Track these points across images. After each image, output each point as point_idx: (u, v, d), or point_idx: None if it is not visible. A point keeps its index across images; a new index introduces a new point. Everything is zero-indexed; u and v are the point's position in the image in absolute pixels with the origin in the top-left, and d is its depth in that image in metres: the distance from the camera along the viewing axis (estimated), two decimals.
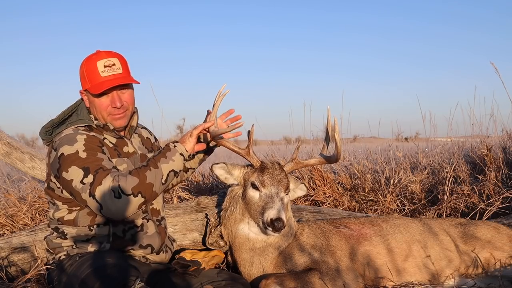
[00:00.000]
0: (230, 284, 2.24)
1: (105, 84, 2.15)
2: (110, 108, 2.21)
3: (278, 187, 2.25)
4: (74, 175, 2.02)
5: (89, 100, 2.24)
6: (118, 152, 2.23)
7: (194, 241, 2.74)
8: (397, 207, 3.80)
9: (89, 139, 2.11)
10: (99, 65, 2.17)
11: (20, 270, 2.60)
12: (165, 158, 2.14)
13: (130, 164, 2.23)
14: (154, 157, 2.16)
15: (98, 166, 2.03)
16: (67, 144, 2.07)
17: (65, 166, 2.04)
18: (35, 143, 10.73)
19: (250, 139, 2.32)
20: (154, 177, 2.08)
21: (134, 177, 2.03)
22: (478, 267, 2.44)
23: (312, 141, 5.50)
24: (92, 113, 2.27)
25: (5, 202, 3.74)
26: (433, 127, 5.21)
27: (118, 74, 2.20)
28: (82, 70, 2.21)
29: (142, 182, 2.04)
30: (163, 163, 2.13)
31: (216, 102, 2.35)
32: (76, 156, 2.04)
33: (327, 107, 2.37)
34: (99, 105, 2.21)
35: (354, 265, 2.35)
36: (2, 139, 3.09)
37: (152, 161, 2.13)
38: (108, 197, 1.97)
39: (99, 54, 2.20)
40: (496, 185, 3.69)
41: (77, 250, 2.12)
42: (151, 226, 2.24)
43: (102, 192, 1.98)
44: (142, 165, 2.13)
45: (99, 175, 2.00)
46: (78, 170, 2.01)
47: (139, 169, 2.09)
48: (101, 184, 1.98)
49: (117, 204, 1.99)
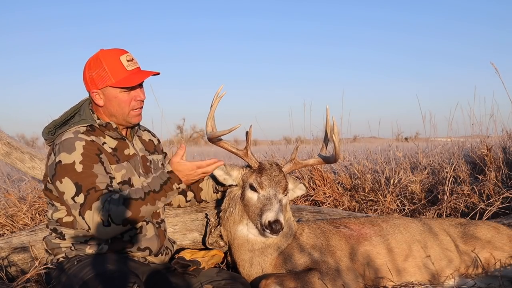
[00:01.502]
0: (230, 283, 2.23)
1: (135, 77, 2.15)
2: (134, 102, 2.21)
3: (276, 189, 2.25)
4: (66, 189, 2.02)
5: (106, 97, 2.18)
6: (117, 157, 2.20)
7: (194, 241, 2.74)
8: (397, 207, 3.80)
9: (87, 146, 2.08)
10: (122, 60, 2.16)
11: (20, 270, 2.60)
12: (165, 198, 2.13)
13: (129, 169, 2.21)
14: (155, 193, 2.09)
15: (91, 185, 2.01)
16: (65, 151, 2.06)
17: (59, 176, 2.04)
18: (35, 143, 10.75)
19: (248, 140, 2.32)
20: (148, 211, 2.09)
21: (127, 210, 2.02)
22: (478, 267, 2.44)
23: (312, 141, 5.50)
24: (106, 113, 2.23)
25: (5, 202, 3.74)
26: (433, 127, 5.21)
27: (139, 68, 2.22)
28: (98, 66, 2.15)
29: (134, 215, 2.04)
30: (161, 202, 2.12)
31: (214, 103, 2.35)
32: (72, 168, 2.02)
33: (326, 107, 2.37)
34: (122, 100, 2.18)
35: (354, 265, 2.35)
36: (2, 139, 3.09)
37: (151, 197, 2.08)
38: (96, 223, 1.99)
39: (116, 50, 2.19)
40: (496, 185, 3.69)
41: (75, 252, 2.12)
42: (150, 229, 2.23)
43: (91, 217, 1.99)
44: (140, 197, 2.06)
45: (90, 196, 1.99)
46: (71, 184, 2.01)
47: (135, 201, 2.04)
48: (91, 209, 1.99)
49: (105, 230, 2.01)
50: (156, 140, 2.56)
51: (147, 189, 2.10)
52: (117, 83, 2.15)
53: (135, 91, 2.22)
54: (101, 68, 2.14)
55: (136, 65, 2.22)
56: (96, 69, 2.15)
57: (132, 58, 2.21)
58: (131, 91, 2.20)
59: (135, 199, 2.05)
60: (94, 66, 2.16)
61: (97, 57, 2.17)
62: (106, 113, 2.23)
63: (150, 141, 2.50)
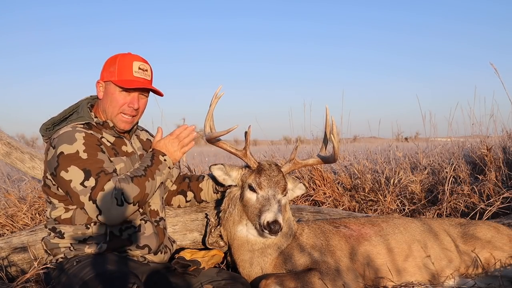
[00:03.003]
0: (230, 283, 2.23)
1: (135, 83, 2.23)
2: (126, 106, 2.25)
3: (275, 189, 2.25)
4: (74, 176, 2.01)
5: (105, 91, 2.26)
6: (116, 151, 2.23)
7: (194, 241, 2.74)
8: (397, 207, 3.80)
9: (87, 137, 2.11)
10: (134, 65, 2.25)
11: (20, 270, 2.60)
12: (159, 171, 2.20)
13: (128, 164, 2.24)
14: (150, 167, 2.18)
15: (100, 169, 2.03)
16: (66, 142, 2.07)
17: (64, 166, 2.03)
18: (35, 143, 10.77)
19: (247, 140, 2.32)
20: (151, 188, 2.14)
21: (136, 186, 2.07)
22: (478, 267, 2.44)
23: (312, 141, 5.50)
24: (100, 107, 2.29)
25: (5, 202, 3.74)
26: (433, 127, 5.22)
27: (147, 80, 2.29)
28: (113, 63, 2.25)
29: (142, 192, 2.09)
30: (157, 175, 2.19)
31: (212, 104, 2.37)
32: (77, 156, 2.04)
33: (326, 107, 2.37)
34: (116, 99, 2.24)
35: (354, 265, 2.35)
36: (2, 139, 3.09)
37: (149, 171, 2.16)
38: (110, 204, 1.99)
39: (136, 56, 2.29)
40: (496, 185, 3.69)
41: (74, 252, 2.12)
42: (148, 227, 2.24)
43: (103, 198, 1.99)
44: (142, 174, 2.13)
45: (101, 179, 2.01)
46: (79, 171, 2.01)
47: (140, 178, 2.11)
48: (103, 190, 1.99)
49: (118, 211, 2.01)
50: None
51: (142, 166, 2.19)
52: (118, 81, 2.22)
53: (132, 97, 2.26)
54: (113, 64, 2.25)
55: (146, 76, 2.29)
56: (110, 63, 2.27)
57: (146, 69, 2.29)
58: (129, 96, 2.25)
59: (139, 176, 2.12)
60: (111, 62, 2.27)
61: (118, 55, 2.28)
62: (100, 107, 2.29)
63: (148, 140, 2.52)
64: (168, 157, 2.25)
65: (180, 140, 2.28)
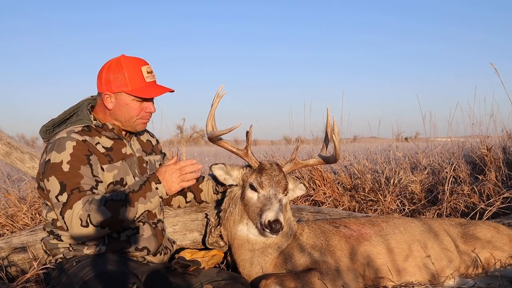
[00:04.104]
0: (230, 283, 2.23)
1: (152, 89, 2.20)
2: (144, 113, 2.25)
3: (276, 189, 2.25)
4: (52, 187, 2.04)
5: (117, 102, 2.20)
6: (111, 157, 2.20)
7: (194, 241, 2.74)
8: (397, 207, 3.81)
9: (78, 146, 2.09)
10: (143, 71, 2.21)
11: (20, 270, 2.60)
12: (144, 199, 2.11)
13: (123, 168, 2.21)
14: (135, 192, 2.10)
15: (75, 185, 2.02)
16: (55, 150, 2.08)
17: (47, 174, 2.06)
18: (35, 143, 10.77)
19: (248, 139, 2.32)
20: (127, 214, 2.08)
21: (107, 211, 2.01)
22: (478, 267, 2.44)
23: (312, 141, 5.51)
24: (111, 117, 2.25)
25: (5, 202, 3.74)
26: (433, 127, 5.23)
27: (155, 81, 2.28)
28: (118, 71, 2.17)
29: (113, 218, 2.03)
30: (140, 203, 2.11)
31: (214, 103, 2.36)
32: (59, 167, 2.04)
33: (327, 107, 2.37)
34: (133, 108, 2.21)
35: (354, 265, 2.35)
36: (2, 139, 3.09)
37: (132, 197, 2.09)
38: (75, 224, 1.99)
39: (138, 60, 2.24)
40: (496, 185, 3.69)
41: (73, 252, 2.12)
42: (147, 229, 2.24)
43: (70, 217, 1.99)
44: (120, 198, 2.07)
45: (73, 196, 2.00)
46: (57, 183, 2.03)
47: (115, 202, 2.05)
48: (71, 208, 1.99)
49: (82, 231, 2.00)
50: (154, 140, 2.57)
51: (128, 190, 2.12)
52: (133, 91, 2.18)
53: (148, 103, 2.26)
54: (120, 73, 2.17)
55: (154, 78, 2.27)
56: (115, 72, 2.17)
57: (152, 70, 2.27)
58: (144, 102, 2.24)
59: (117, 200, 2.07)
60: (114, 70, 2.18)
61: (119, 61, 2.19)
62: (112, 117, 2.25)
63: (148, 141, 2.50)
64: (162, 187, 2.15)
65: (183, 173, 2.19)
